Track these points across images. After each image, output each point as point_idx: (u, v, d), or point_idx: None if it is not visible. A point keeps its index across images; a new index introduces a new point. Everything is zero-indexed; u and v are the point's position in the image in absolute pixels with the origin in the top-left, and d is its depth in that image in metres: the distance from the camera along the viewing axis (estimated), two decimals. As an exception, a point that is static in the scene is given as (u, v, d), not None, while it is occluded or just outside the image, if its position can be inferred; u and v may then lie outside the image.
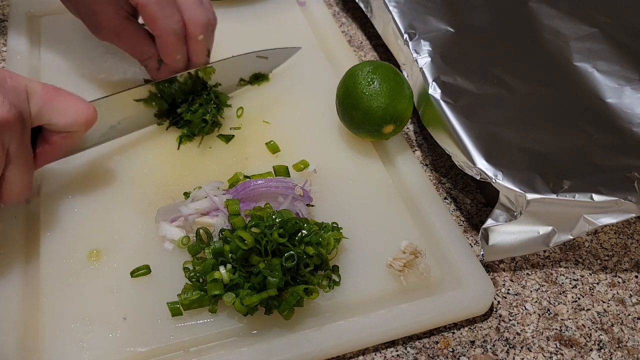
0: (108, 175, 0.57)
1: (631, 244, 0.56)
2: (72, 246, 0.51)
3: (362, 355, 0.48)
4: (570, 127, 0.56)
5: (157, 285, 0.49)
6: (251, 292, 0.45)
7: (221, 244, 0.47)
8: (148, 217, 0.53)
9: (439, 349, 0.48)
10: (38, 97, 0.46)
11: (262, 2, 0.78)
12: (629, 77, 0.60)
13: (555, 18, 0.67)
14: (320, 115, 0.63)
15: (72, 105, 0.48)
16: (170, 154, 0.59)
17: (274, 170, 0.56)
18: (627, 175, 0.51)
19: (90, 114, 0.49)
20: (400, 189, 0.57)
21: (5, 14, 0.76)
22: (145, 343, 0.45)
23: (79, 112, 0.48)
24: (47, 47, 0.68)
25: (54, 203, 0.54)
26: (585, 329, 0.50)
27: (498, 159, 0.52)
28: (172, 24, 0.55)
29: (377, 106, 0.55)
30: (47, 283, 0.48)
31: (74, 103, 0.48)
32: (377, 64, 0.57)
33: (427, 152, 0.64)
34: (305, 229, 0.47)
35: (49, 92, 0.47)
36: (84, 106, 0.48)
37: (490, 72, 0.61)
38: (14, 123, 0.43)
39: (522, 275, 0.54)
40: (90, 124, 0.49)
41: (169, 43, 0.56)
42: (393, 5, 0.68)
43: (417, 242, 0.51)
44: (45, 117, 0.46)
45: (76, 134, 0.49)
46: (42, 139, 0.49)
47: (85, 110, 0.48)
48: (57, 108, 0.47)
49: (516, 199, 0.50)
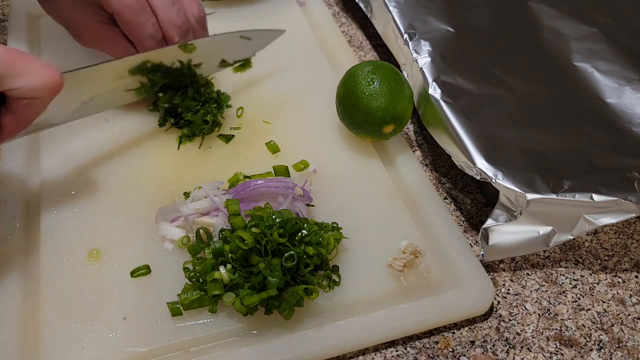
0: (108, 175, 0.57)
1: (631, 244, 0.56)
2: (72, 246, 0.51)
3: (362, 355, 0.48)
4: (570, 127, 0.56)
5: (157, 285, 0.49)
6: (251, 292, 0.45)
7: (221, 244, 0.47)
8: (148, 217, 0.53)
9: (439, 349, 0.48)
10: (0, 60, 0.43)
11: (262, 2, 0.78)
12: (629, 77, 0.60)
13: (555, 18, 0.67)
14: (320, 115, 0.63)
15: (36, 69, 0.45)
16: (170, 154, 0.59)
17: (274, 170, 0.56)
18: (627, 175, 0.51)
19: (55, 79, 0.45)
20: (400, 189, 0.57)
21: (5, 14, 0.76)
22: (145, 343, 0.45)
23: (44, 77, 0.45)
24: (47, 47, 0.69)
25: (54, 203, 0.54)
26: (585, 329, 0.50)
27: (498, 159, 0.52)
28: (148, 29, 0.55)
29: (377, 106, 0.55)
30: (47, 283, 0.48)
31: (39, 67, 0.45)
32: (377, 64, 0.57)
33: (427, 152, 0.64)
34: (305, 229, 0.47)
35: (11, 54, 0.44)
36: (49, 70, 0.45)
37: (490, 72, 0.61)
38: None
39: (522, 275, 0.54)
40: (55, 89, 0.46)
41: (148, 48, 0.56)
42: (393, 5, 0.68)
43: (417, 242, 0.51)
44: (7, 81, 0.43)
45: (41, 101, 0.46)
46: (5, 109, 0.46)
47: (50, 75, 0.45)
48: (20, 71, 0.44)
49: (516, 199, 0.50)
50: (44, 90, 0.45)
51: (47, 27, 0.71)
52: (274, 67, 0.68)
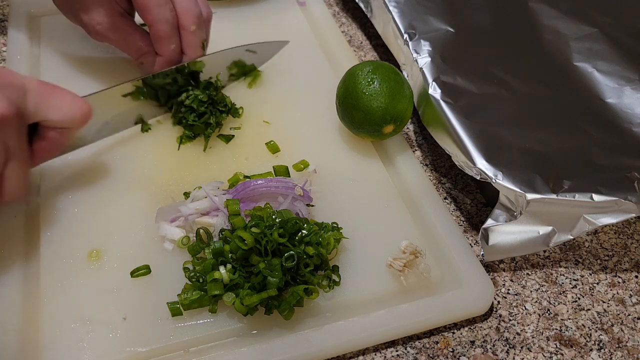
0: (108, 175, 0.57)
1: (631, 244, 0.56)
2: (72, 246, 0.51)
3: (362, 355, 0.48)
4: (570, 127, 0.56)
5: (157, 285, 0.49)
6: (251, 292, 0.45)
7: (221, 244, 0.47)
8: (148, 217, 0.53)
9: (439, 349, 0.48)
10: (35, 93, 0.46)
11: (262, 2, 0.78)
12: (629, 77, 0.60)
13: (555, 18, 0.67)
14: (320, 115, 0.63)
15: (68, 102, 0.48)
16: (170, 154, 0.59)
17: (274, 170, 0.56)
18: (627, 175, 0.51)
19: (85, 110, 0.49)
20: (400, 189, 0.57)
21: (5, 14, 0.76)
22: (145, 343, 0.45)
23: (75, 108, 0.48)
24: (47, 47, 0.68)
25: (54, 203, 0.54)
26: (585, 329, 0.50)
27: (498, 159, 0.52)
28: (165, 13, 0.56)
29: (377, 106, 0.55)
30: (47, 283, 0.48)
31: (70, 99, 0.48)
32: (377, 64, 0.57)
33: (427, 152, 0.64)
34: (305, 229, 0.47)
35: (45, 88, 0.47)
36: (80, 102, 0.49)
37: (490, 72, 0.61)
38: (11, 119, 0.44)
39: (522, 275, 0.54)
40: (85, 119, 0.50)
41: (162, 32, 0.57)
42: (393, 5, 0.68)
43: (417, 242, 0.51)
44: (42, 113, 0.47)
45: (72, 130, 0.50)
46: (38, 137, 0.49)
47: (80, 106, 0.49)
48: (54, 104, 0.47)
49: (516, 199, 0.50)
50: (75, 121, 0.49)
51: (47, 27, 0.71)
52: (274, 67, 0.68)
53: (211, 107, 0.59)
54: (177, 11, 0.57)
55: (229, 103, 0.61)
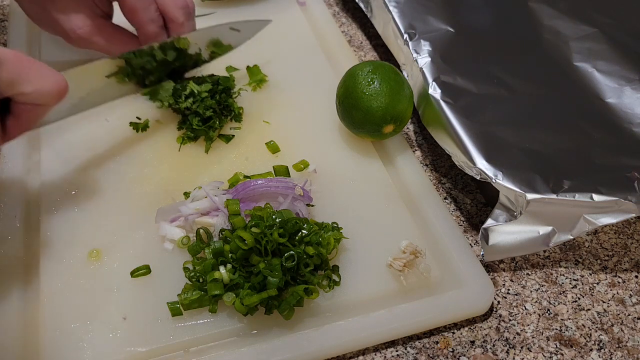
0: (108, 175, 0.57)
1: (631, 244, 0.56)
2: (72, 246, 0.51)
3: (362, 355, 0.48)
4: (570, 127, 0.56)
5: (157, 285, 0.49)
6: (251, 292, 0.45)
7: (221, 244, 0.47)
8: (148, 217, 0.53)
9: (439, 349, 0.48)
10: (10, 65, 0.43)
11: (262, 2, 0.78)
12: (629, 77, 0.60)
13: (555, 18, 0.67)
14: (320, 115, 0.63)
15: (44, 75, 0.45)
16: (170, 154, 0.59)
17: (274, 170, 0.56)
18: (627, 175, 0.51)
19: (62, 85, 0.46)
20: (400, 189, 0.57)
21: (5, 14, 0.76)
22: (145, 343, 0.45)
23: (51, 83, 0.45)
24: (47, 47, 0.69)
25: (54, 203, 0.54)
26: (585, 329, 0.50)
27: (498, 159, 0.52)
28: (151, 13, 0.57)
29: (377, 106, 0.55)
30: (47, 283, 0.48)
31: (46, 73, 0.45)
32: (377, 64, 0.57)
33: (427, 152, 0.64)
34: (305, 229, 0.47)
35: (21, 61, 0.44)
36: (56, 77, 0.46)
37: (490, 72, 0.61)
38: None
39: (522, 275, 0.54)
40: (62, 95, 0.46)
41: (151, 32, 0.58)
42: (393, 5, 0.68)
43: (417, 242, 0.51)
44: (17, 86, 0.44)
45: (45, 107, 0.47)
46: (10, 112, 0.46)
47: (57, 81, 0.45)
48: (30, 77, 0.44)
49: (516, 199, 0.50)
50: (50, 97, 0.46)
51: (47, 27, 0.71)
52: (274, 67, 0.68)
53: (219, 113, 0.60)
54: (163, 7, 0.58)
55: (235, 110, 0.62)
